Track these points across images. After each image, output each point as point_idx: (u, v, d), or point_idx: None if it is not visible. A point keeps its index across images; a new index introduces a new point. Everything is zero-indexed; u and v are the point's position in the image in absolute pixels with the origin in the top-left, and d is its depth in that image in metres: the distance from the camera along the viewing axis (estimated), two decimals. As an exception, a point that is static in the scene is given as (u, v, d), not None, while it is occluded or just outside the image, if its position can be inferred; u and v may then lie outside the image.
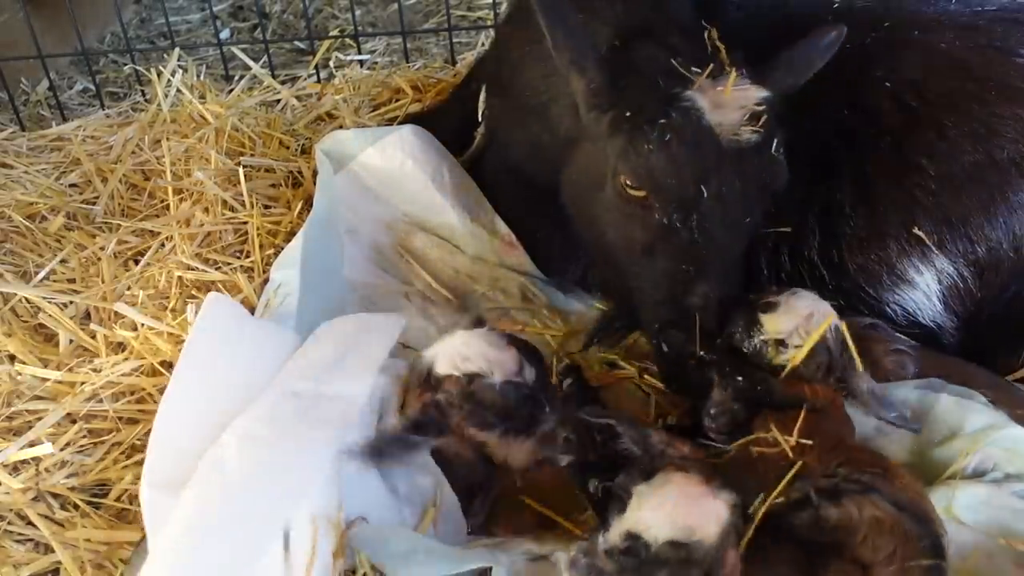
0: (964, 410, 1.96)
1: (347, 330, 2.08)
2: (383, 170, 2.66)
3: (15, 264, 2.66)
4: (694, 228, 1.98)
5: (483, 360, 1.85)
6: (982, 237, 2.14)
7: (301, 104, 3.38)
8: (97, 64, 4.05)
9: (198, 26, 4.44)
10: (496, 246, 2.67)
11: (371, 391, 1.88)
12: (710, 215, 1.98)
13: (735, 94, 1.97)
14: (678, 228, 2.00)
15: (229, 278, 2.49)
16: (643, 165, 1.99)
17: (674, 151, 1.95)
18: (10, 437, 2.13)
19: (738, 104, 1.97)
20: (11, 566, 1.92)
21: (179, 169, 2.90)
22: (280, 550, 1.60)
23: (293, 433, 1.76)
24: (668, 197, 1.99)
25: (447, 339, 1.95)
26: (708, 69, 1.99)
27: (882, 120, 2.21)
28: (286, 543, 1.61)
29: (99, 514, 2.02)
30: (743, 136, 1.96)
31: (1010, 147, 2.14)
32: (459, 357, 1.86)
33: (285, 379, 1.91)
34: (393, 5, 4.34)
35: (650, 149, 1.96)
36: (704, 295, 1.99)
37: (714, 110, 1.96)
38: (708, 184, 1.95)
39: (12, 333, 2.38)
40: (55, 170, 3.07)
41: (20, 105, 3.67)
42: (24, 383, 2.25)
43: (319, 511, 1.67)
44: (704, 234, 1.99)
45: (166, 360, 2.25)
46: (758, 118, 1.96)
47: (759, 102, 1.98)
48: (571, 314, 2.65)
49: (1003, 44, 2.22)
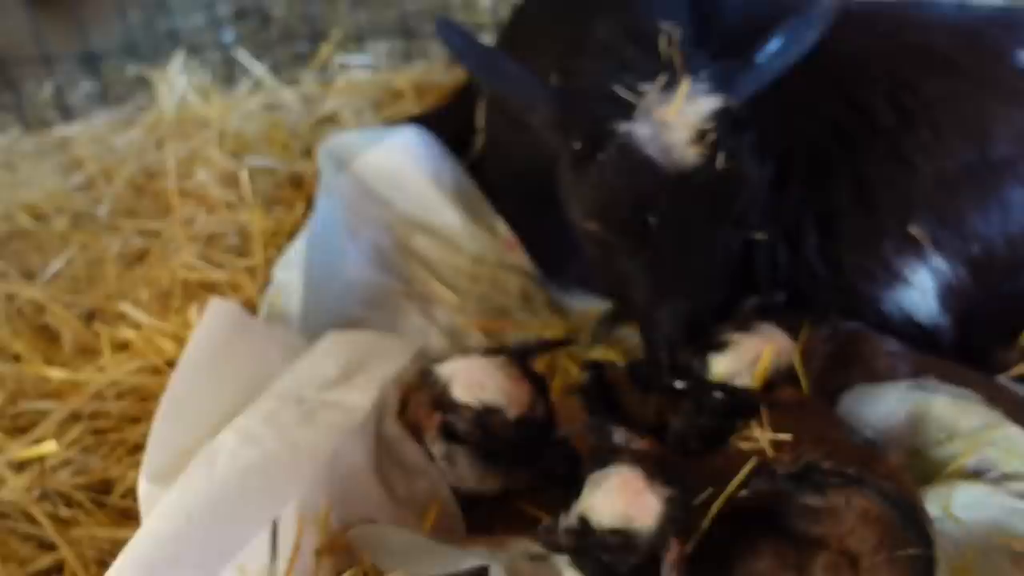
0: (960, 410, 1.96)
1: (359, 348, 2.07)
2: (385, 171, 2.67)
3: (20, 264, 2.68)
4: (651, 255, 1.98)
5: (501, 393, 1.82)
6: (977, 236, 2.15)
7: (303, 106, 3.40)
8: (102, 66, 4.07)
9: (202, 29, 4.45)
10: (496, 246, 2.68)
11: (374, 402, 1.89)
12: (665, 241, 1.95)
13: (683, 111, 1.92)
14: (636, 255, 2.00)
15: (232, 278, 2.51)
16: (587, 200, 1.99)
17: (612, 186, 1.93)
18: (15, 435, 2.15)
19: (684, 123, 1.91)
20: (15, 564, 1.94)
21: (183, 170, 2.91)
22: (263, 545, 1.61)
23: (293, 435, 1.77)
24: (617, 228, 1.98)
25: (464, 361, 1.91)
26: (658, 83, 1.93)
27: (878, 120, 2.21)
28: (273, 539, 1.62)
29: (103, 512, 2.03)
30: (688, 159, 1.91)
31: (1004, 147, 2.14)
32: (477, 386, 1.83)
33: (290, 384, 1.92)
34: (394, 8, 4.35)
35: (590, 185, 1.96)
36: (671, 318, 2.00)
37: (657, 135, 1.91)
38: (654, 212, 1.92)
39: (17, 333, 2.40)
40: (60, 171, 3.09)
41: (25, 107, 3.70)
42: (29, 382, 2.27)
43: (306, 510, 1.68)
44: (663, 258, 1.97)
45: (170, 359, 2.27)
46: (704, 136, 1.91)
47: (709, 118, 1.92)
48: (571, 314, 2.66)
49: (998, 45, 2.23)
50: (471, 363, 1.89)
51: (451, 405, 1.84)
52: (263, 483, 1.68)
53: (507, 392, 1.83)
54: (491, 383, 1.84)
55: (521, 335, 2.41)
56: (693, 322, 2.00)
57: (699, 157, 1.90)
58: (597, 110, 1.96)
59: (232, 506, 1.65)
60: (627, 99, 1.93)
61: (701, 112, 1.92)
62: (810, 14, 2.02)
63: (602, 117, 1.95)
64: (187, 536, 1.60)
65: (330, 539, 1.72)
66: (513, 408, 1.82)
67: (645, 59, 2.00)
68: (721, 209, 1.98)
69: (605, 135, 1.93)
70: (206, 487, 1.66)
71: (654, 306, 2.05)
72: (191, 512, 1.63)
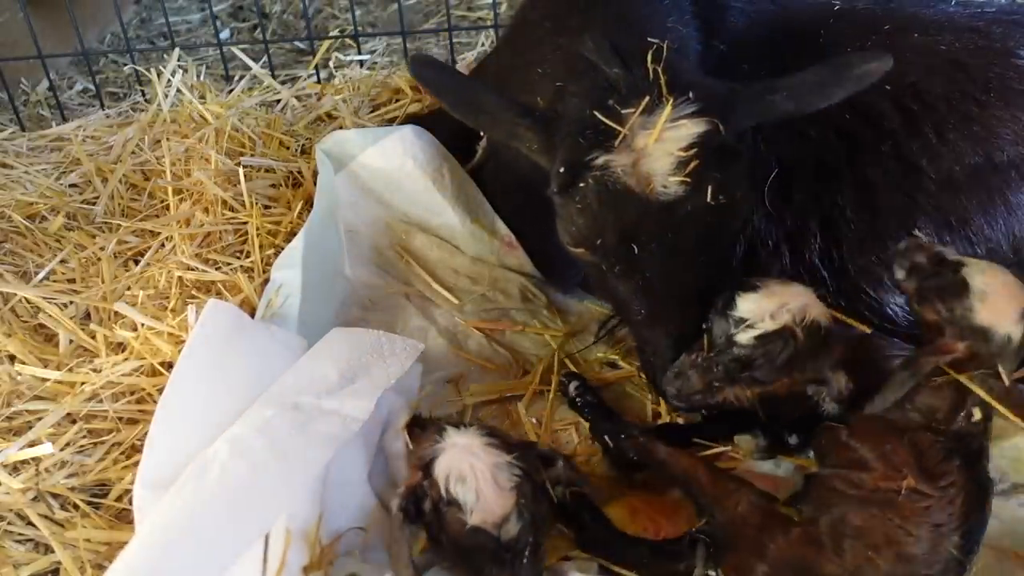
0: None
1: (361, 348, 2.04)
2: (383, 170, 2.66)
3: (15, 264, 2.66)
4: (636, 278, 1.95)
5: (472, 494, 1.69)
6: (981, 238, 2.15)
7: (301, 104, 3.39)
8: (97, 64, 4.05)
9: (198, 26, 4.44)
10: (496, 247, 2.67)
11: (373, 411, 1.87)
12: (648, 267, 1.93)
13: (665, 137, 1.83)
14: (623, 280, 1.98)
15: (229, 278, 2.49)
16: (571, 227, 1.96)
17: (594, 214, 1.90)
18: (10, 437, 2.14)
19: (666, 151, 1.83)
20: (11, 566, 1.92)
21: (179, 169, 2.90)
22: (255, 559, 1.60)
23: (286, 447, 1.75)
24: (601, 254, 1.96)
25: (470, 440, 1.78)
26: (641, 106, 1.84)
27: (882, 122, 2.21)
28: (265, 553, 1.61)
29: (99, 514, 2.02)
30: (670, 188, 1.84)
31: (1009, 149, 2.14)
32: (456, 474, 1.71)
33: (288, 389, 1.91)
34: (393, 5, 4.34)
35: (574, 212, 1.93)
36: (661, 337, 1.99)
37: (638, 163, 1.84)
38: (637, 240, 1.89)
39: (12, 333, 2.38)
40: (55, 170, 3.07)
41: (20, 105, 3.68)
42: (24, 383, 2.25)
43: (294, 524, 1.67)
44: (650, 283, 1.95)
45: (166, 360, 2.25)
46: (687, 165, 1.82)
47: (691, 144, 1.83)
48: (571, 314, 2.66)
49: (1002, 46, 2.23)
50: (472, 446, 1.77)
51: (429, 475, 1.75)
52: (253, 499, 1.66)
53: (481, 495, 1.69)
54: (471, 478, 1.71)
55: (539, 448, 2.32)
56: (684, 338, 1.98)
57: (680, 186, 1.84)
58: (577, 138, 1.91)
59: (222, 522, 1.63)
60: (608, 125, 1.87)
61: (683, 138, 1.84)
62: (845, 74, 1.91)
63: (580, 146, 1.89)
64: (177, 554, 1.58)
65: (319, 556, 1.71)
66: (475, 514, 1.68)
67: (630, 79, 1.93)
68: (710, 236, 1.93)
69: (583, 165, 1.88)
70: (197, 502, 1.65)
71: (644, 327, 2.04)
72: (182, 528, 1.61)
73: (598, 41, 2.00)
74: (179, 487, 1.65)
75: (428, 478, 1.74)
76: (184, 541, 1.59)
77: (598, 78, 1.97)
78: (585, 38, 2.03)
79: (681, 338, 1.98)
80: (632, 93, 1.89)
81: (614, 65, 1.95)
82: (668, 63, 1.90)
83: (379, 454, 1.95)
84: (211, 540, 1.61)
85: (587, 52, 2.01)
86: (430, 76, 2.10)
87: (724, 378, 1.89)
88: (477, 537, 1.67)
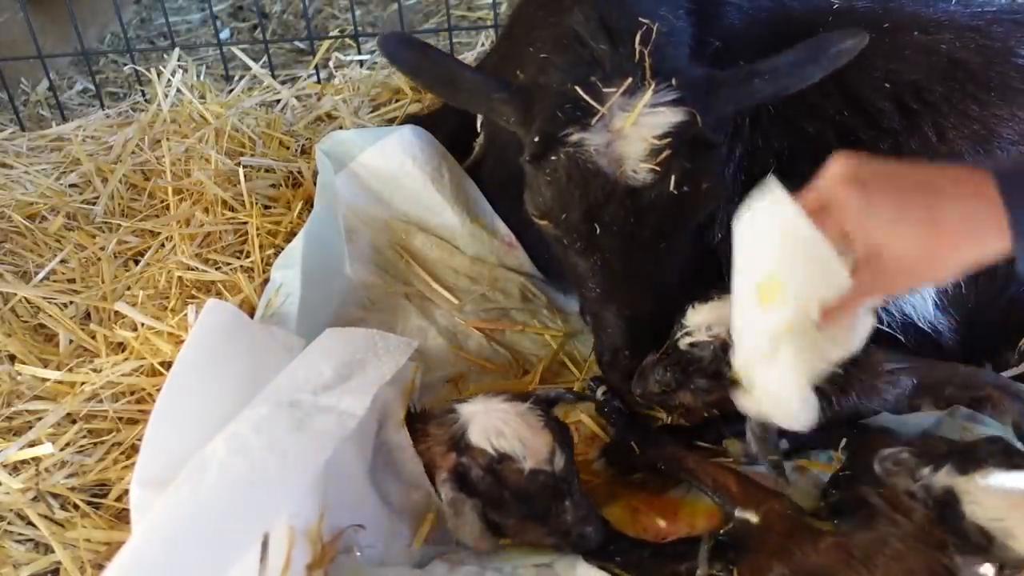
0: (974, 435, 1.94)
1: (356, 346, 2.04)
2: (383, 170, 2.66)
3: (15, 264, 2.66)
4: (595, 257, 1.97)
5: (517, 442, 1.78)
6: None
7: (301, 104, 3.38)
8: (97, 64, 4.05)
9: (198, 26, 4.44)
10: (496, 246, 2.67)
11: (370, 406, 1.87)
12: (607, 247, 1.95)
13: (641, 122, 1.85)
14: (583, 257, 2.01)
15: (229, 278, 2.50)
16: (537, 198, 1.98)
17: (561, 189, 1.91)
18: (10, 437, 2.14)
19: (641, 136, 1.85)
20: (11, 566, 1.93)
21: (179, 169, 2.90)
22: (255, 559, 1.60)
23: (284, 444, 1.74)
24: (563, 228, 1.98)
25: (485, 404, 1.86)
26: (623, 87, 1.85)
27: (882, 121, 2.20)
28: (264, 552, 1.61)
29: (99, 514, 2.02)
30: (640, 174, 1.85)
31: (1009, 148, 2.14)
32: (494, 432, 1.79)
33: (284, 387, 1.90)
34: (393, 5, 4.34)
35: (542, 184, 1.94)
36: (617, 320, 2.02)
37: (610, 146, 1.86)
38: (600, 220, 1.91)
39: (12, 333, 2.38)
40: (55, 170, 3.07)
41: (20, 105, 3.68)
42: (24, 383, 2.26)
43: (298, 523, 1.67)
44: (609, 264, 1.97)
45: (166, 360, 2.26)
46: (659, 153, 1.84)
47: (666, 133, 1.84)
48: (571, 314, 2.65)
49: (1003, 45, 2.21)
50: (491, 406, 1.85)
51: (466, 448, 1.81)
52: (252, 498, 1.65)
53: (525, 442, 1.78)
54: (509, 429, 1.79)
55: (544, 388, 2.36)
56: (638, 326, 2.01)
57: (650, 173, 1.85)
58: (555, 110, 1.91)
59: (221, 523, 1.62)
60: (587, 102, 1.87)
61: (659, 126, 1.85)
62: (821, 53, 1.92)
63: (558, 119, 1.90)
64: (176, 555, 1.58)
65: (321, 553, 1.71)
66: (529, 458, 1.77)
67: (616, 57, 1.93)
68: (672, 224, 1.94)
69: (558, 139, 1.89)
70: (195, 502, 1.64)
71: (597, 304, 2.07)
72: (181, 527, 1.60)
73: (588, 13, 2.00)
74: (177, 486, 1.65)
75: (466, 451, 1.81)
76: (183, 540, 1.59)
77: (584, 53, 1.98)
78: (575, 11, 2.02)
79: (631, 321, 2.02)
80: (616, 72, 1.90)
81: (601, 41, 1.96)
82: (656, 46, 1.91)
83: (377, 449, 1.95)
84: (210, 539, 1.60)
85: (576, 24, 2.00)
86: (403, 56, 2.05)
87: (671, 382, 1.97)
88: (537, 479, 1.77)
